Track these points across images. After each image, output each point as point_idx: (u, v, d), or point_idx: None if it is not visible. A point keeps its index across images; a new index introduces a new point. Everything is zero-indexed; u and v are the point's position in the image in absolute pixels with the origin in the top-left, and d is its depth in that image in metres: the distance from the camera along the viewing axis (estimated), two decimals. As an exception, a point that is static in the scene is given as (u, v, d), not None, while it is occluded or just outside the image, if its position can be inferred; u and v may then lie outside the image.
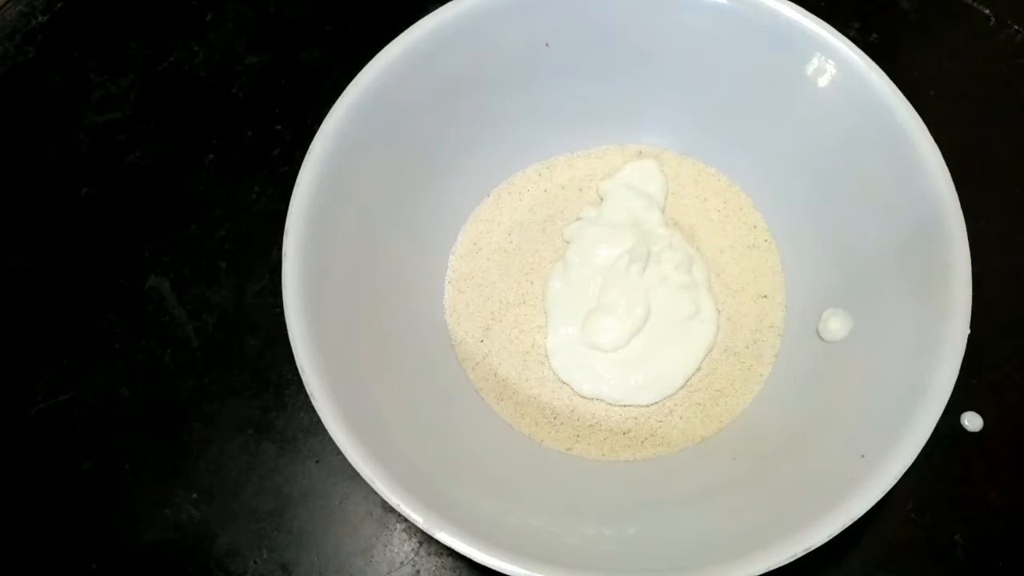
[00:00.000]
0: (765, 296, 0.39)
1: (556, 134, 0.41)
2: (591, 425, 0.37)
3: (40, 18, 0.48)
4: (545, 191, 0.42)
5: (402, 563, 0.37)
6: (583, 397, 0.38)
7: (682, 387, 0.38)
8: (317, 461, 0.39)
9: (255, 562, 0.37)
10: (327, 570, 0.37)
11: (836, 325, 0.35)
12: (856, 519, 0.28)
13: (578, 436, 0.37)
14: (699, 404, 0.37)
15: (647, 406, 0.37)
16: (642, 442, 0.37)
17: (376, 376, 0.33)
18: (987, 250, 0.31)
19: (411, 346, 0.37)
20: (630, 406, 0.37)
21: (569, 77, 0.39)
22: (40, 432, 0.40)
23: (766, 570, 0.27)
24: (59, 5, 0.49)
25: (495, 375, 0.38)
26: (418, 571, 0.37)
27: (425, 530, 0.28)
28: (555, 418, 0.37)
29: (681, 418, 0.37)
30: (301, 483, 0.38)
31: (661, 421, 0.37)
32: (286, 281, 0.31)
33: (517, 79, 0.38)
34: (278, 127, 0.45)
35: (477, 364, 0.38)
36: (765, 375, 0.37)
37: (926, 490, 0.36)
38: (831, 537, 0.28)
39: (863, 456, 0.29)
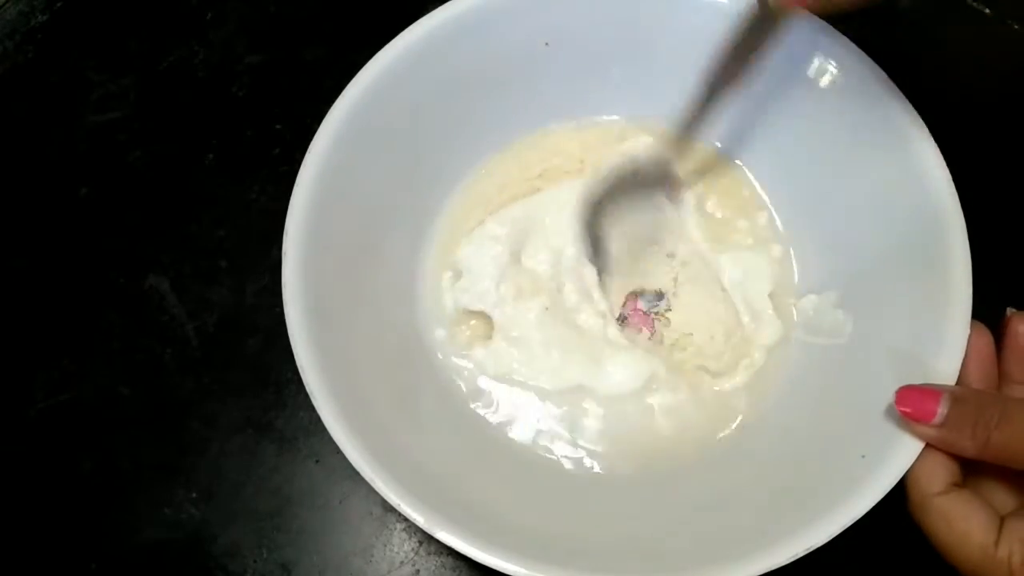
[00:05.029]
0: (767, 296, 0.39)
1: (558, 132, 0.41)
2: (591, 430, 0.37)
3: (40, 18, 0.48)
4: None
5: (402, 563, 0.37)
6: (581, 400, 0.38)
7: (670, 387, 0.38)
8: (317, 461, 0.39)
9: (255, 562, 0.37)
10: (327, 570, 0.37)
11: (835, 324, 0.35)
12: (857, 519, 0.28)
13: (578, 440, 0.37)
14: (699, 405, 0.37)
15: (645, 408, 0.37)
16: (642, 444, 0.37)
17: (376, 375, 0.33)
18: (987, 250, 0.31)
19: (411, 346, 0.37)
20: (630, 408, 0.37)
21: (569, 76, 0.39)
22: (40, 432, 0.40)
23: (767, 569, 0.27)
24: (59, 5, 0.49)
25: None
26: (418, 571, 0.37)
27: (426, 529, 0.28)
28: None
29: (681, 419, 0.37)
30: (301, 483, 0.38)
31: (661, 422, 0.37)
32: (286, 280, 0.31)
33: (517, 78, 0.38)
34: (278, 127, 0.45)
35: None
36: (765, 376, 0.37)
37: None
38: (832, 537, 0.28)
39: (863, 456, 0.29)
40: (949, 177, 0.32)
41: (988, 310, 0.31)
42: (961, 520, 0.27)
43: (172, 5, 0.48)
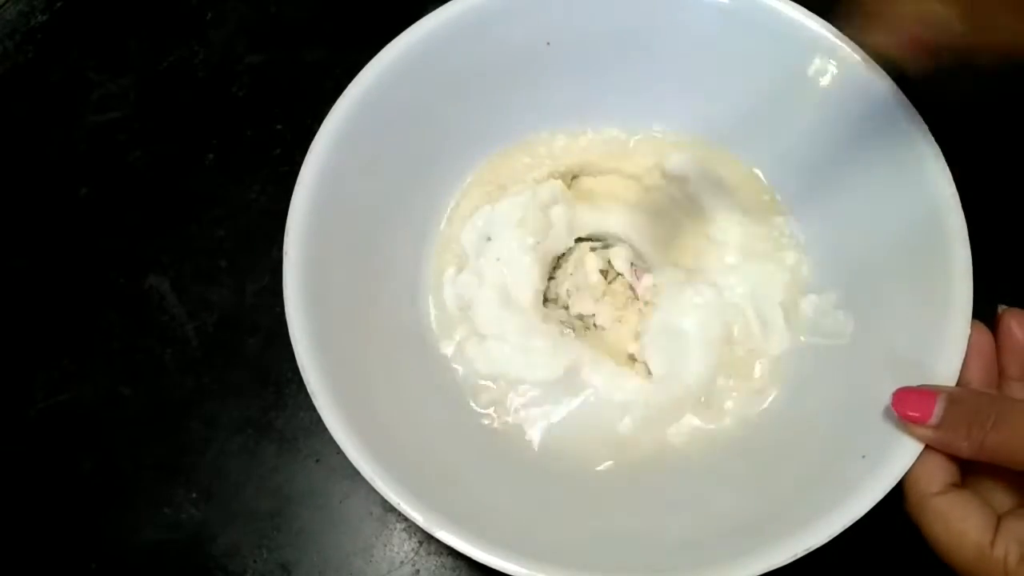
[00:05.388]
0: (778, 305, 0.39)
1: (558, 133, 0.41)
2: (590, 428, 0.37)
3: (40, 18, 0.48)
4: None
5: (402, 562, 0.37)
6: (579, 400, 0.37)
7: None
8: (317, 461, 0.39)
9: (255, 562, 0.37)
10: (327, 570, 0.37)
11: (836, 325, 0.35)
12: (857, 519, 0.28)
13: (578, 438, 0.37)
14: (700, 405, 0.37)
15: (646, 410, 0.37)
16: (643, 444, 0.36)
17: (377, 375, 0.33)
18: (988, 248, 0.31)
19: (411, 344, 0.37)
20: (630, 409, 0.37)
21: (570, 76, 0.39)
22: (40, 432, 0.40)
23: (767, 569, 0.27)
24: (59, 5, 0.49)
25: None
26: (418, 571, 0.37)
27: (425, 529, 0.28)
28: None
29: (682, 419, 0.37)
30: (301, 483, 0.38)
31: (662, 423, 0.37)
32: (287, 280, 0.31)
33: (518, 78, 0.38)
34: (278, 127, 0.45)
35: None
36: (766, 376, 0.37)
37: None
38: (832, 537, 0.28)
39: (864, 456, 0.29)
40: (950, 177, 0.32)
41: (988, 310, 0.31)
42: (957, 520, 0.27)
43: (172, 5, 0.48)
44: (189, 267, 0.42)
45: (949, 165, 0.32)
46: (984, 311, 0.31)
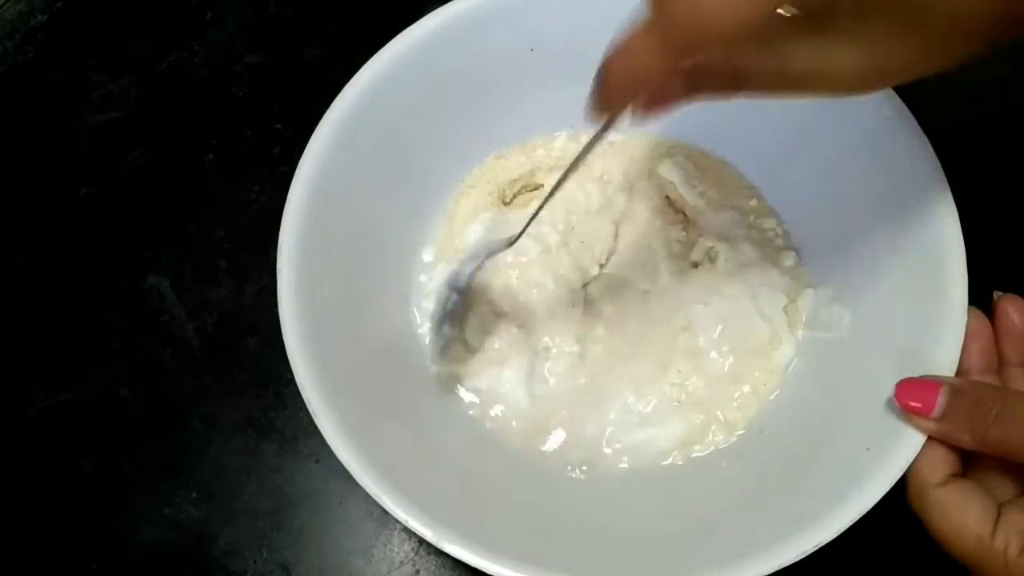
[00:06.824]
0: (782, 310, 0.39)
1: (556, 135, 0.41)
2: (591, 428, 0.37)
3: (40, 17, 0.48)
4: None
5: (402, 562, 0.37)
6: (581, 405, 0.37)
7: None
8: (317, 461, 0.39)
9: (255, 562, 0.37)
10: (327, 570, 0.37)
11: (833, 318, 0.35)
12: (865, 512, 0.28)
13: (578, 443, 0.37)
14: (703, 407, 0.37)
15: (647, 411, 0.37)
16: (648, 448, 0.36)
17: (374, 387, 0.33)
18: (981, 235, 0.31)
19: (407, 353, 0.37)
20: (632, 412, 0.37)
21: (569, 77, 0.38)
22: (40, 432, 0.40)
23: (778, 567, 0.27)
24: (59, 5, 0.49)
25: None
26: (418, 570, 0.37)
27: (434, 544, 0.28)
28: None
29: (687, 420, 0.37)
30: (301, 483, 0.38)
31: (667, 424, 0.37)
32: (281, 294, 0.31)
33: (516, 80, 0.38)
34: (278, 127, 0.45)
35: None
36: (768, 376, 0.37)
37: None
38: (841, 532, 0.27)
39: (868, 449, 0.29)
40: (942, 173, 0.32)
41: (984, 298, 0.31)
42: (958, 511, 0.27)
43: (172, 5, 0.48)
44: (189, 267, 0.42)
45: (939, 155, 0.32)
46: (979, 298, 0.31)
